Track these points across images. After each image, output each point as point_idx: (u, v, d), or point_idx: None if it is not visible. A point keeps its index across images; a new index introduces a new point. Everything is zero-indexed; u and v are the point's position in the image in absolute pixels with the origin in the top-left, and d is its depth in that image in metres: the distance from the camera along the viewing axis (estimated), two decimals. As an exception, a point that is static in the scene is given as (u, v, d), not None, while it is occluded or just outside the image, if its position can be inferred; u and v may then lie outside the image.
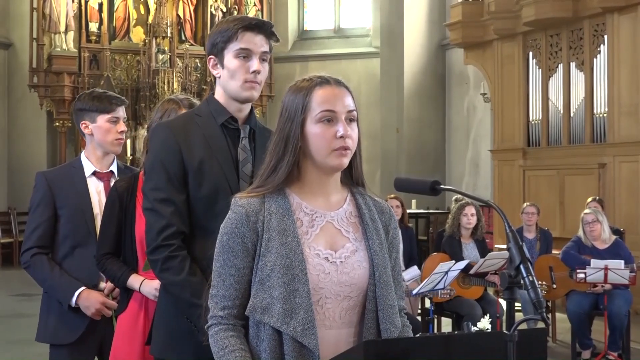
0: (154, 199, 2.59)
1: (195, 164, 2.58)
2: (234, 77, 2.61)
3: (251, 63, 2.60)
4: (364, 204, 2.13)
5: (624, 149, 10.17)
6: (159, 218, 2.57)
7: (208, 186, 2.57)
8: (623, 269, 6.70)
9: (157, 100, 14.81)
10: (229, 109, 2.67)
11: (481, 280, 7.02)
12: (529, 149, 11.85)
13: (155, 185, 2.61)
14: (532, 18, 11.05)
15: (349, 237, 2.08)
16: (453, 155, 15.35)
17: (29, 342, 4.04)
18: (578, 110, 10.91)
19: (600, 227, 7.28)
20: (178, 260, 2.53)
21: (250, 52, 2.60)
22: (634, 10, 9.93)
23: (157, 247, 2.56)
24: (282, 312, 1.95)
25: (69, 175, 3.58)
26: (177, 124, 2.70)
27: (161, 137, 2.65)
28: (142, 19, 15.75)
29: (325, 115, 2.05)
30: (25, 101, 15.59)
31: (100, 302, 3.42)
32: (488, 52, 12.64)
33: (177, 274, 2.52)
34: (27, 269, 3.53)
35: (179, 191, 2.58)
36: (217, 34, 2.64)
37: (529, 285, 1.79)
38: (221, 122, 2.66)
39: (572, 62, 11.06)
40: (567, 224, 10.45)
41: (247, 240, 2.03)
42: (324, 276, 2.02)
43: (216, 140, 2.63)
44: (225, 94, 2.68)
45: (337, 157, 2.03)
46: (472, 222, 7.32)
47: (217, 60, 2.65)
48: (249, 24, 2.61)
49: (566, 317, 7.39)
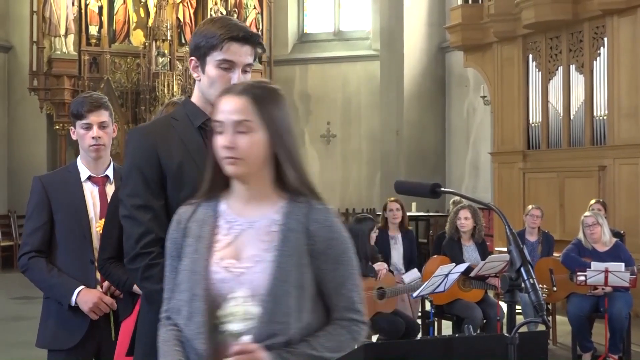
0: (131, 205, 2.53)
1: (173, 168, 2.53)
2: (213, 86, 2.54)
3: (232, 75, 2.54)
4: (294, 213, 2.12)
5: (624, 152, 10.16)
6: (136, 225, 2.51)
7: (188, 190, 2.46)
8: (623, 271, 6.69)
9: (157, 103, 14.83)
10: (206, 111, 2.58)
11: (482, 283, 7.02)
12: (529, 151, 11.85)
13: (131, 192, 2.54)
14: (531, 21, 11.05)
15: (260, 247, 2.10)
16: (453, 157, 15.36)
17: (29, 345, 4.03)
18: (578, 112, 10.92)
19: (601, 229, 7.27)
20: (159, 268, 2.39)
21: (233, 64, 2.55)
22: (634, 12, 9.94)
23: (136, 255, 2.50)
24: (185, 314, 2.09)
25: (65, 179, 3.58)
26: (153, 128, 2.66)
27: (136, 142, 2.59)
28: (142, 22, 15.76)
29: (215, 126, 2.13)
30: (25, 104, 15.60)
31: (98, 296, 3.40)
32: (488, 55, 12.64)
33: (158, 282, 2.36)
34: (25, 273, 3.52)
35: (156, 196, 2.53)
36: (202, 37, 2.57)
37: (529, 288, 1.79)
38: (198, 124, 2.61)
39: (572, 65, 11.06)
40: (567, 226, 10.45)
41: (179, 245, 2.18)
42: (222, 285, 2.08)
43: (193, 143, 2.57)
44: (202, 97, 2.63)
45: (226, 165, 2.10)
46: (466, 225, 7.32)
47: (199, 63, 2.60)
48: (235, 36, 2.53)
49: (567, 320, 7.38)
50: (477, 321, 6.92)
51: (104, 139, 3.53)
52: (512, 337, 1.71)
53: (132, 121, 14.83)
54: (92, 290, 3.43)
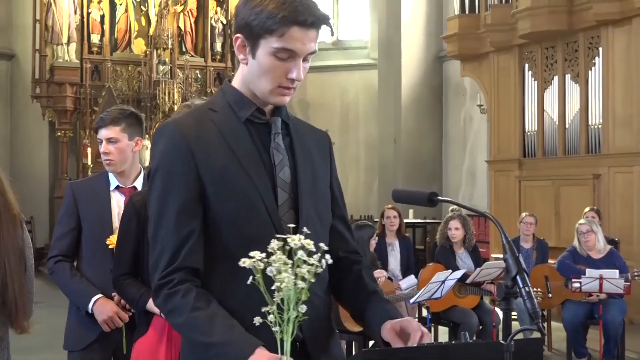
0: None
1: (214, 174, 1.97)
2: (265, 77, 1.98)
3: (292, 67, 1.96)
4: None
5: (618, 160, 10.17)
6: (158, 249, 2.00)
7: (234, 202, 1.96)
8: (618, 278, 6.69)
9: (157, 110, 14.86)
10: (254, 98, 2.04)
11: (477, 289, 7.01)
12: (524, 159, 11.85)
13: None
14: (527, 31, 11.07)
15: None
16: (450, 165, 15.36)
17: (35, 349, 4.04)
18: (573, 121, 10.92)
19: (595, 237, 7.28)
20: (179, 296, 1.92)
21: (293, 54, 1.95)
22: (628, 23, 9.95)
23: (157, 287, 1.96)
24: None
25: (94, 188, 3.60)
26: (185, 122, 2.03)
27: (165, 142, 2.01)
28: (144, 30, 15.78)
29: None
30: (27, 111, 15.60)
31: (114, 311, 3.41)
32: (484, 64, 12.65)
33: (180, 315, 1.92)
34: (50, 275, 3.59)
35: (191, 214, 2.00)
36: (255, 13, 1.94)
37: (525, 296, 1.79)
38: (246, 116, 2.03)
39: (567, 74, 11.07)
40: (563, 233, 10.45)
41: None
42: None
43: (240, 141, 2.01)
44: (246, 86, 2.05)
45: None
46: (456, 236, 7.34)
47: (248, 45, 1.99)
48: (302, 20, 1.92)
49: (562, 326, 7.38)
50: (473, 327, 6.92)
51: (114, 154, 3.53)
52: (508, 344, 1.71)
53: (133, 128, 14.86)
54: (110, 302, 3.44)
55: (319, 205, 2.11)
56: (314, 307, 1.92)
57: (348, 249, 2.23)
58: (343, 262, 2.18)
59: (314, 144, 2.17)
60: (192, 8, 15.99)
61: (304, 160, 2.09)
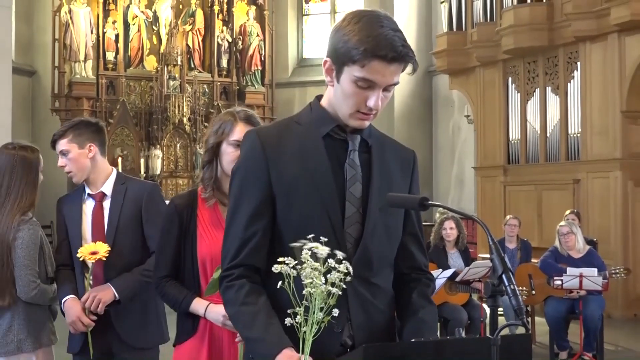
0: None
1: (284, 183, 1.98)
2: (346, 102, 1.98)
3: (371, 96, 1.95)
4: None
5: (596, 166, 10.18)
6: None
7: (299, 212, 1.96)
8: (596, 276, 6.70)
9: (168, 122, 14.87)
10: (336, 117, 2.03)
11: (466, 287, 7.01)
12: (509, 166, 11.85)
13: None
14: (511, 47, 11.09)
15: None
16: (440, 172, 15.36)
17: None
18: (554, 130, 10.93)
19: (575, 238, 7.28)
20: (234, 290, 1.97)
21: (373, 84, 1.94)
22: (604, 39, 9.97)
23: (220, 279, 2.03)
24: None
25: (74, 199, 3.53)
26: (269, 132, 2.06)
27: (247, 148, 2.03)
28: (155, 48, 15.78)
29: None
30: (47, 124, 15.57)
31: (77, 315, 3.29)
32: (471, 78, 12.67)
33: (232, 307, 1.98)
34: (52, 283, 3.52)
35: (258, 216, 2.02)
36: (343, 42, 1.94)
37: (510, 293, 1.78)
38: (325, 132, 2.02)
39: (548, 87, 11.09)
40: (545, 235, 10.45)
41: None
42: None
43: (315, 154, 1.99)
44: (332, 107, 2.05)
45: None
46: (451, 235, 7.34)
47: (334, 69, 1.99)
48: (383, 55, 1.91)
49: (545, 321, 7.38)
50: (462, 322, 6.91)
51: (69, 166, 3.45)
52: (495, 338, 1.70)
53: (145, 139, 14.87)
54: (76, 305, 3.31)
55: (389, 220, 2.06)
56: (371, 318, 1.99)
57: (413, 265, 2.18)
58: (404, 278, 2.16)
59: (397, 161, 2.15)
60: (200, 27, 15.99)
61: (379, 177, 2.05)
